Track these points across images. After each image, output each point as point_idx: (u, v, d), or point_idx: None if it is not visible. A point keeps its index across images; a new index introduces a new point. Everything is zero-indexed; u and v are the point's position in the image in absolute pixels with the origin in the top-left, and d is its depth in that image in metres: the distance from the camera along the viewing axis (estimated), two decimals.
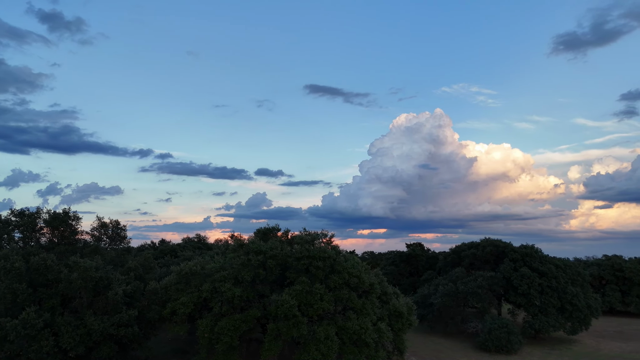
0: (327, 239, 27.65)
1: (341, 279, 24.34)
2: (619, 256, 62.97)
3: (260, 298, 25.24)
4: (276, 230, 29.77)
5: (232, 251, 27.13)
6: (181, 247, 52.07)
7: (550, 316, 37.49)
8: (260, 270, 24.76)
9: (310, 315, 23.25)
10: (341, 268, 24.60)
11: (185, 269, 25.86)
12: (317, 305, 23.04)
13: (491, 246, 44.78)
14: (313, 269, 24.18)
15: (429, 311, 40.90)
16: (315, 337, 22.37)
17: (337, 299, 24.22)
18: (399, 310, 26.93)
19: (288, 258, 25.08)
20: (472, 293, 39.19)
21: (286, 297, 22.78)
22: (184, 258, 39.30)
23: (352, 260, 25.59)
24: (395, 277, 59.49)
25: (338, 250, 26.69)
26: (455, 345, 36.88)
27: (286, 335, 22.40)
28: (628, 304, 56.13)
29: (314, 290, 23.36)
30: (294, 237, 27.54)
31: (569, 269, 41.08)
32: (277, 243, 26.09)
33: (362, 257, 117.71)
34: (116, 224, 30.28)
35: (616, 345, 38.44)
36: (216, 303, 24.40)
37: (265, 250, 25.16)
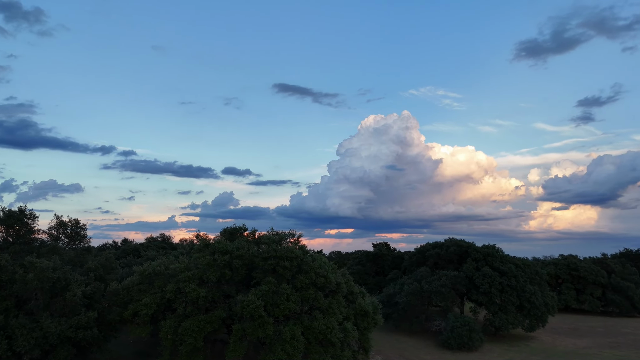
0: (295, 238, 27.61)
1: (308, 278, 24.35)
2: (574, 256, 65.80)
3: (225, 298, 24.95)
4: (243, 230, 29.50)
5: (197, 251, 26.70)
6: (144, 247, 50.86)
7: (510, 314, 38.77)
8: (226, 270, 24.48)
9: (276, 316, 23.15)
10: (308, 268, 24.61)
11: (149, 269, 25.28)
12: (284, 306, 22.97)
13: (455, 246, 45.88)
14: (280, 269, 24.10)
15: (394, 310, 41.49)
16: (281, 337, 22.30)
17: (303, 299, 24.21)
18: (365, 310, 27.18)
19: (255, 258, 24.90)
20: (436, 292, 40.02)
21: (252, 297, 22.61)
22: (147, 258, 38.42)
23: (319, 260, 25.64)
24: (362, 276, 60.06)
25: (305, 250, 26.67)
26: (419, 344, 37.58)
27: (252, 335, 22.24)
28: (582, 302, 58.71)
29: (280, 290, 23.29)
30: (261, 237, 27.36)
31: (527, 269, 42.57)
32: (243, 243, 25.87)
33: (330, 257, 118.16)
34: (75, 223, 29.27)
35: (571, 341, 40.13)
36: (180, 304, 23.96)
37: (231, 250, 24.89)
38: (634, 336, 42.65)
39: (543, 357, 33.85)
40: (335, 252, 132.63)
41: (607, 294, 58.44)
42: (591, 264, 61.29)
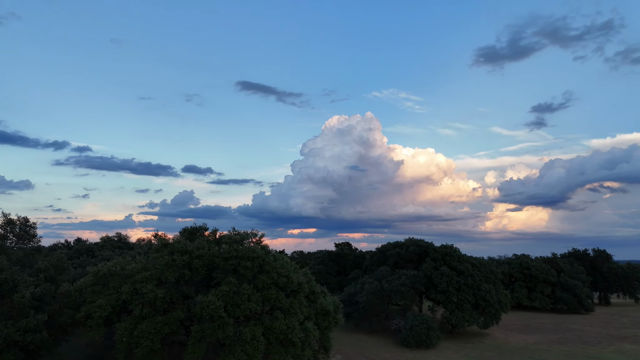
0: (257, 238, 27.37)
1: (270, 278, 24.21)
2: (526, 255, 68.59)
3: (184, 299, 24.43)
4: (203, 230, 28.96)
5: (155, 251, 25.99)
6: (99, 247, 49.03)
7: (466, 312, 39.99)
8: (185, 270, 23.97)
9: (237, 316, 22.89)
10: (270, 268, 24.47)
11: (103, 270, 24.39)
12: (244, 306, 22.73)
13: (414, 246, 46.85)
14: (241, 269, 23.84)
15: (354, 309, 41.90)
16: (241, 338, 22.06)
17: (265, 299, 24.05)
18: (326, 309, 27.30)
19: (215, 258, 24.51)
20: (395, 291, 40.72)
21: (212, 298, 22.24)
22: (102, 258, 37.09)
23: (281, 260, 25.54)
24: (324, 276, 60.34)
25: (268, 250, 26.50)
26: (379, 342, 38.11)
27: (211, 336, 21.88)
28: (533, 300, 61.29)
29: (241, 290, 23.03)
30: (223, 237, 26.96)
31: (483, 268, 44.03)
32: (204, 243, 25.41)
33: (292, 257, 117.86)
34: (25, 221, 27.85)
35: (522, 337, 41.80)
36: (136, 305, 23.26)
37: (191, 250, 24.40)
38: (580, 332, 44.92)
39: (496, 353, 35.09)
40: (298, 251, 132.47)
41: (556, 292, 61.27)
42: (542, 263, 64.09)
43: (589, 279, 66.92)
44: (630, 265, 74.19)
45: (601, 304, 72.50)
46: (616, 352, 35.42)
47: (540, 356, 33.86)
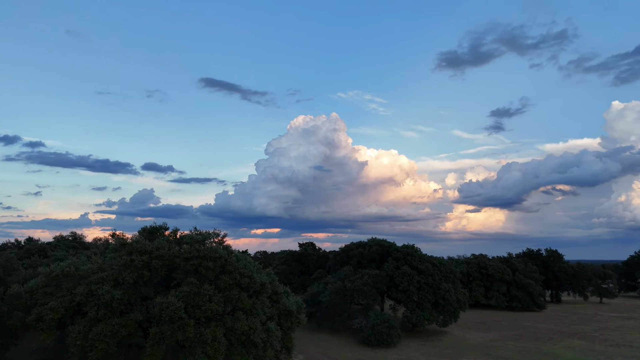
0: (219, 238, 26.94)
1: (232, 279, 23.90)
2: (484, 255, 70.79)
3: (143, 300, 23.76)
4: (164, 229, 28.24)
5: (112, 251, 25.16)
6: (52, 247, 46.99)
7: (426, 310, 40.86)
8: (144, 271, 23.30)
9: (197, 317, 22.46)
10: (232, 268, 24.16)
11: (56, 271, 23.38)
12: (206, 307, 22.34)
13: (377, 246, 47.45)
14: (203, 270, 23.41)
15: (317, 309, 41.99)
16: (201, 339, 21.67)
17: (226, 300, 23.72)
18: (289, 309, 27.24)
19: (176, 258, 23.96)
20: (358, 290, 41.10)
21: (172, 298, 21.73)
22: (55, 258, 35.51)
23: (244, 260, 25.27)
24: (287, 276, 60.14)
25: (230, 250, 26.15)
26: (341, 341, 38.36)
27: (170, 338, 21.38)
28: (490, 298, 63.35)
29: (202, 291, 22.61)
30: (184, 237, 26.39)
31: (443, 267, 45.11)
32: (164, 243, 24.79)
33: (255, 257, 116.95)
34: None
35: (479, 335, 43.12)
36: (92, 307, 22.41)
37: (150, 250, 23.74)
38: (533, 329, 46.78)
39: (455, 350, 36.03)
40: (261, 252, 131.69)
41: (512, 291, 63.56)
42: (498, 263, 66.33)
43: (541, 277, 69.80)
44: (580, 264, 77.99)
45: (553, 301, 75.79)
46: (566, 348, 37.11)
47: (496, 353, 35.02)
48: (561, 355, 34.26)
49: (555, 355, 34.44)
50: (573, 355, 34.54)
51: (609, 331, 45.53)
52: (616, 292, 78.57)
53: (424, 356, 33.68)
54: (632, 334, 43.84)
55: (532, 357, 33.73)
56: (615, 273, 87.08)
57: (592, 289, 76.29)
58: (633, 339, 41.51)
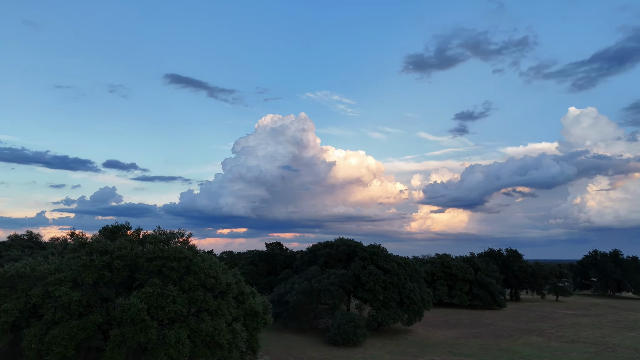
0: (184, 238, 26.40)
1: (197, 279, 23.49)
2: (448, 255, 72.40)
3: (103, 302, 23.00)
4: (126, 229, 27.44)
5: (71, 251, 24.24)
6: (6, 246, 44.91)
7: (391, 309, 41.41)
8: (105, 272, 22.56)
9: (160, 319, 21.94)
10: (197, 269, 23.74)
11: (11, 271, 22.31)
12: (169, 308, 21.85)
13: (344, 245, 47.73)
14: (166, 270, 22.89)
15: (284, 309, 41.86)
16: (165, 341, 21.18)
17: (191, 301, 23.29)
18: (255, 310, 27.01)
19: (139, 259, 23.33)
20: (325, 290, 41.21)
21: (134, 300, 21.14)
22: (10, 259, 33.96)
23: (209, 260, 24.86)
24: (254, 276, 59.70)
25: (195, 250, 25.68)
26: (307, 341, 38.37)
27: (132, 341, 20.79)
28: (453, 297, 64.86)
29: (166, 292, 22.11)
30: (147, 237, 25.71)
31: (408, 267, 45.84)
32: (126, 242, 24.08)
33: (221, 257, 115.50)
34: None
35: (442, 333, 44.06)
36: (48, 309, 21.52)
37: (112, 250, 23.02)
38: (493, 326, 48.20)
39: (418, 348, 36.68)
40: (227, 252, 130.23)
41: (474, 289, 65.28)
42: (461, 263, 67.99)
43: (502, 276, 72.01)
44: (538, 264, 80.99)
45: (512, 300, 78.33)
46: (524, 345, 38.43)
47: (458, 350, 35.86)
48: (520, 352, 35.45)
49: (514, 351, 35.60)
50: (531, 351, 35.80)
51: (565, 328, 47.48)
52: (571, 291, 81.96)
53: (388, 355, 34.12)
54: (585, 331, 45.87)
55: (492, 354, 34.74)
56: (570, 272, 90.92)
57: (549, 288, 79.34)
58: (586, 335, 43.44)
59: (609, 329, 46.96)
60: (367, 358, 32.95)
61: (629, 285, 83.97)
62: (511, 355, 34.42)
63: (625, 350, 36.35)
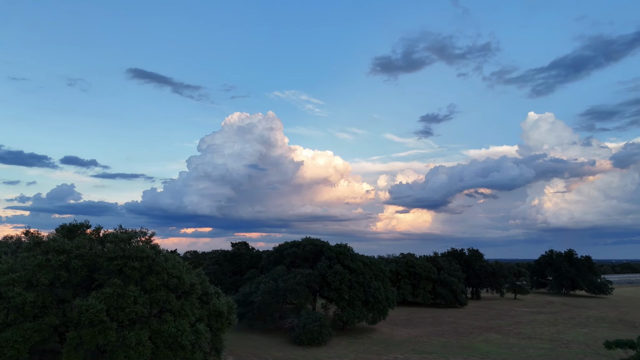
0: (147, 237, 25.73)
1: (159, 280, 22.95)
2: (412, 254, 73.61)
3: (60, 303, 22.13)
4: (85, 227, 26.51)
5: (25, 250, 23.20)
6: None
7: (357, 309, 41.75)
8: (62, 271, 21.72)
9: (121, 320, 21.32)
10: (160, 268, 23.20)
11: None
12: (130, 309, 21.26)
13: (311, 245, 47.78)
14: (128, 270, 22.25)
15: (249, 309, 41.50)
16: (125, 343, 20.59)
17: (153, 301, 22.73)
18: (219, 310, 26.64)
19: (98, 258, 22.59)
20: (291, 290, 41.13)
21: (93, 301, 20.44)
22: None
23: (172, 260, 24.35)
24: (218, 276, 58.88)
25: (158, 249, 25.09)
26: (272, 341, 38.19)
27: (90, 343, 20.09)
28: (417, 295, 66.03)
29: (127, 292, 21.49)
30: (107, 235, 24.93)
31: (373, 266, 46.34)
32: (85, 241, 23.27)
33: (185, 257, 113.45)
34: None
35: (406, 331, 44.79)
36: (0, 311, 20.52)
37: (69, 249, 22.18)
38: (455, 324, 49.39)
39: (383, 346, 37.14)
40: (191, 251, 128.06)
41: (437, 288, 66.66)
42: (425, 262, 69.29)
43: (464, 275, 73.85)
44: (498, 263, 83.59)
45: (473, 298, 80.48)
46: (484, 342, 39.57)
47: (421, 348, 36.55)
48: (480, 349, 36.47)
49: (474, 348, 36.59)
50: (490, 348, 36.90)
51: (522, 325, 49.20)
52: (529, 289, 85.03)
53: (353, 353, 34.38)
54: (541, 328, 47.68)
55: (453, 351, 35.59)
56: (528, 271, 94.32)
57: (508, 286, 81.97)
58: (542, 332, 45.16)
59: (563, 326, 49.01)
60: (332, 357, 33.10)
61: (582, 284, 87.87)
62: (471, 352, 35.37)
63: (578, 346, 38.03)
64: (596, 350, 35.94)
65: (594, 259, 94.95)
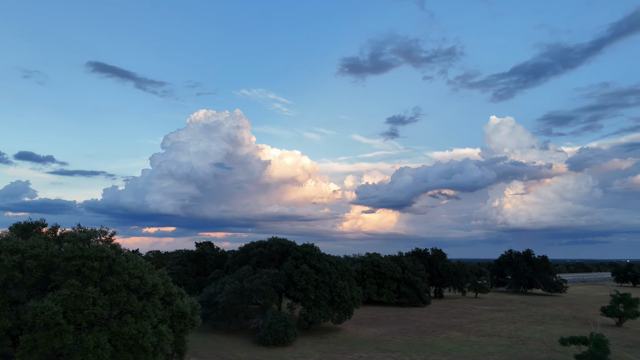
0: (107, 236, 24.93)
1: (120, 280, 22.26)
2: (377, 254, 74.47)
3: (13, 305, 21.15)
4: (41, 226, 25.46)
5: None
6: None
7: (322, 308, 41.87)
8: (15, 272, 20.75)
9: (78, 322, 20.55)
10: (121, 269, 22.50)
11: None
12: (89, 311, 20.52)
13: (277, 245, 47.55)
14: (86, 271, 21.48)
15: (213, 310, 40.89)
16: (82, 346, 19.86)
17: (113, 303, 22.03)
18: (183, 311, 26.11)
19: (55, 258, 21.71)
20: (256, 290, 40.79)
21: (48, 302, 19.61)
22: None
23: (134, 260, 23.67)
24: (182, 276, 57.74)
25: (119, 249, 24.35)
26: (237, 342, 37.78)
27: (45, 347, 19.28)
28: (381, 295, 66.85)
29: (85, 294, 20.73)
30: (65, 234, 24.03)
31: (339, 266, 46.60)
32: (41, 241, 22.33)
33: (147, 257, 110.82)
34: None
35: (371, 330, 45.26)
36: None
37: (24, 248, 21.23)
38: (418, 323, 50.30)
39: (347, 345, 37.39)
40: (154, 251, 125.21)
41: (401, 287, 67.71)
42: (390, 262, 70.24)
43: (427, 275, 75.34)
44: (460, 262, 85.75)
45: (436, 297, 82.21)
46: (446, 340, 40.48)
47: (385, 347, 37.01)
48: (442, 347, 37.28)
49: (436, 346, 37.37)
50: (452, 346, 37.78)
51: (482, 323, 50.65)
52: (489, 288, 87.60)
53: (318, 353, 34.45)
54: (500, 325, 49.23)
55: (416, 349, 36.23)
56: (488, 270, 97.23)
57: (469, 285, 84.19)
58: (501, 329, 46.64)
59: (521, 323, 50.78)
60: (297, 357, 33.05)
61: (539, 283, 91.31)
62: (434, 350, 36.11)
63: (535, 343, 39.48)
64: (552, 346, 37.43)
65: (550, 259, 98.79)
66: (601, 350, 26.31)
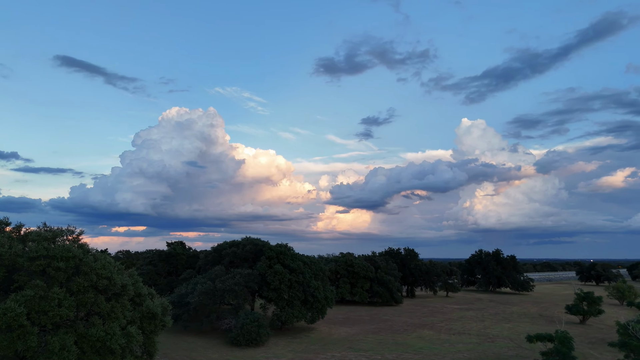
0: (74, 236, 24.19)
1: (88, 281, 21.64)
2: (351, 254, 74.92)
3: None
4: (4, 225, 24.46)
5: None
6: None
7: (296, 308, 41.80)
8: None
9: (43, 324, 19.88)
10: (88, 269, 21.88)
11: None
12: (54, 312, 19.87)
13: (251, 245, 47.20)
14: (52, 271, 20.79)
15: (184, 310, 40.26)
16: (47, 348, 19.23)
17: (80, 304, 21.40)
18: (153, 312, 25.59)
19: (18, 258, 20.91)
20: (229, 290, 40.39)
21: (11, 303, 18.89)
22: None
23: (102, 260, 23.05)
24: (153, 277, 56.66)
25: (87, 249, 23.65)
26: (208, 343, 37.32)
27: (7, 349, 18.57)
28: (355, 294, 67.28)
29: (50, 295, 20.07)
30: (29, 234, 23.17)
31: (313, 265, 46.63)
32: (4, 240, 21.47)
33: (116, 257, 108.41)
34: None
35: (344, 329, 45.47)
36: None
37: None
38: (390, 322, 50.84)
39: (320, 345, 37.46)
40: (124, 251, 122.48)
41: (374, 287, 68.30)
42: (363, 261, 70.78)
43: (400, 274, 76.23)
44: (432, 262, 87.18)
45: (408, 296, 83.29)
46: (417, 338, 41.05)
47: (358, 346, 37.25)
48: (413, 345, 37.79)
49: (408, 345, 37.85)
50: (424, 344, 38.34)
51: (453, 321, 51.59)
52: (459, 287, 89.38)
53: (291, 353, 34.38)
54: (470, 323, 50.25)
55: (388, 348, 36.60)
56: (459, 270, 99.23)
57: (440, 284, 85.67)
58: (471, 327, 47.61)
59: (489, 321, 51.97)
60: (269, 357, 32.89)
61: (507, 282, 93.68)
62: (406, 348, 36.56)
63: (503, 340, 40.48)
64: (519, 344, 38.45)
65: (518, 258, 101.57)
66: (566, 347, 27.17)
